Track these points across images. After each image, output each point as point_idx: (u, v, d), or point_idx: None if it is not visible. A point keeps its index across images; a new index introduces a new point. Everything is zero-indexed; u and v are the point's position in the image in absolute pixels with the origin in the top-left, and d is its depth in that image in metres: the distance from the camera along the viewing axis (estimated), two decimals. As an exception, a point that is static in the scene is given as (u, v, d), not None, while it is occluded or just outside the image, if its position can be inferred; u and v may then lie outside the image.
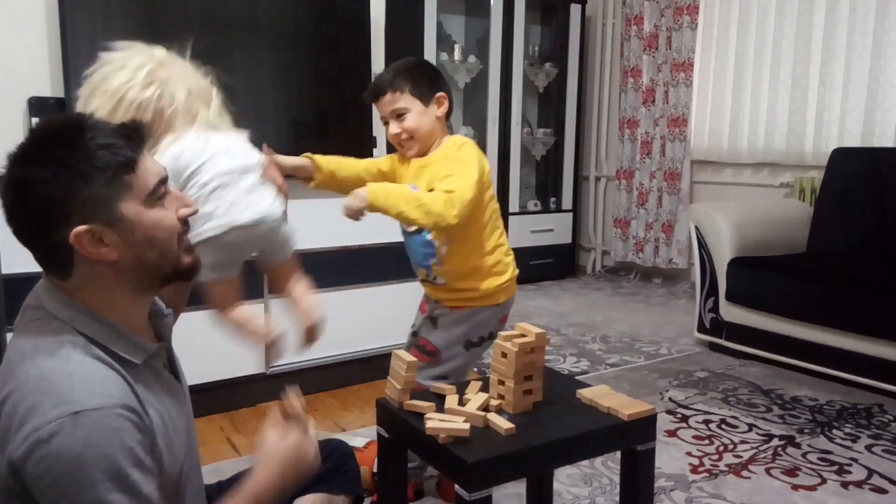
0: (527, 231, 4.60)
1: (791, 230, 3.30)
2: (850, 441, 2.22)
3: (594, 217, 5.13)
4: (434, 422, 1.16)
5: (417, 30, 3.94)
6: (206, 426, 2.26)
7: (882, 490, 1.92)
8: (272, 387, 2.49)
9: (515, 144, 4.52)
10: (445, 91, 1.70)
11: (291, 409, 1.09)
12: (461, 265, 1.68)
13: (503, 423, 1.17)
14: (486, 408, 1.24)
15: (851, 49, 3.58)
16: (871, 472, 2.02)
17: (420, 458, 1.72)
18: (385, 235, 2.68)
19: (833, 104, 3.69)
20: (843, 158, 3.26)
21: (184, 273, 1.01)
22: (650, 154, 4.61)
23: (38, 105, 2.43)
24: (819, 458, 2.10)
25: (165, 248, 0.97)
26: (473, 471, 1.07)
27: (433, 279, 1.73)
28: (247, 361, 2.41)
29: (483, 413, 1.20)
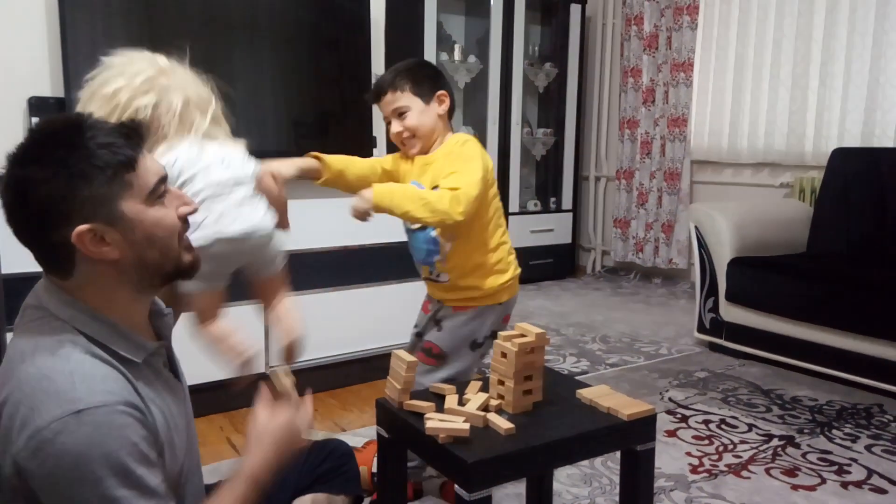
0: (527, 231, 4.60)
1: (791, 230, 3.30)
2: (850, 441, 2.22)
3: (594, 217, 5.13)
4: (434, 422, 1.16)
5: (417, 30, 3.94)
6: (206, 426, 2.26)
7: (882, 490, 1.92)
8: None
9: (515, 144, 4.52)
10: (446, 89, 1.70)
11: (280, 387, 1.10)
12: (465, 262, 1.68)
13: (503, 423, 1.17)
14: (486, 408, 1.24)
15: (851, 49, 3.58)
16: (871, 473, 2.02)
17: (420, 458, 1.72)
18: (385, 236, 2.68)
19: (833, 104, 3.69)
20: (843, 158, 3.27)
21: (184, 271, 1.01)
22: (650, 154, 4.61)
23: (38, 105, 2.43)
24: (819, 459, 2.10)
25: (166, 247, 0.97)
26: (473, 471, 1.07)
27: (437, 277, 1.73)
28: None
29: (483, 413, 1.20)
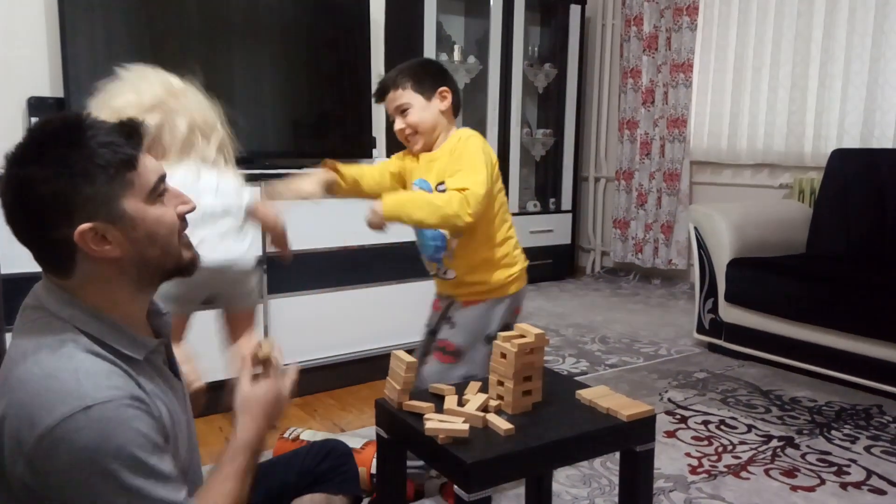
0: (526, 232, 4.59)
1: (790, 231, 3.30)
2: (849, 442, 2.22)
3: (593, 218, 5.13)
4: (433, 422, 1.16)
5: (417, 30, 3.94)
6: (206, 426, 2.26)
7: (881, 491, 1.92)
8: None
9: (515, 145, 4.52)
10: (449, 86, 1.72)
11: (262, 354, 1.12)
12: (472, 258, 1.70)
13: (502, 424, 1.17)
14: (486, 408, 1.24)
15: (851, 50, 3.58)
16: (870, 473, 2.02)
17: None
18: (385, 236, 2.67)
19: (832, 105, 3.69)
20: (843, 159, 3.27)
21: (184, 268, 1.02)
22: (649, 155, 4.61)
23: (38, 105, 2.44)
24: (818, 459, 2.10)
25: (167, 244, 0.98)
26: (473, 471, 1.07)
27: (444, 273, 1.75)
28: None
29: (482, 414, 1.20)
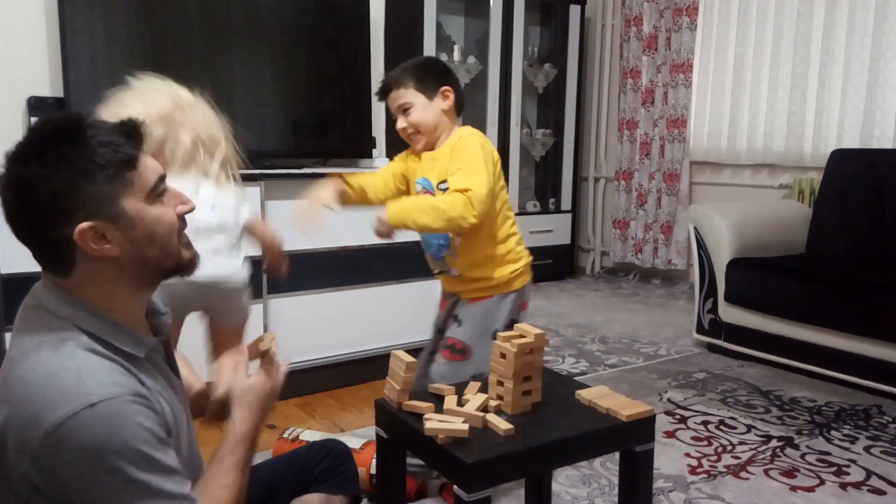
0: (526, 232, 4.56)
1: (790, 231, 3.30)
2: (849, 442, 2.22)
3: (593, 218, 5.13)
4: (433, 422, 1.16)
5: (417, 30, 3.94)
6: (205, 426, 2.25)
7: (880, 491, 1.92)
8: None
9: (514, 145, 4.52)
10: (452, 85, 1.73)
11: (264, 347, 1.16)
12: (475, 255, 1.72)
13: (502, 424, 1.17)
14: (485, 408, 1.24)
15: (850, 50, 3.58)
16: (870, 474, 2.02)
17: None
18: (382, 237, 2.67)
19: (832, 105, 3.69)
20: (842, 160, 3.27)
21: (184, 267, 1.03)
22: (649, 155, 4.61)
23: (37, 105, 2.43)
24: (817, 460, 2.10)
25: (166, 244, 0.98)
26: (472, 471, 1.07)
27: (448, 271, 1.78)
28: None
29: (482, 414, 1.20)
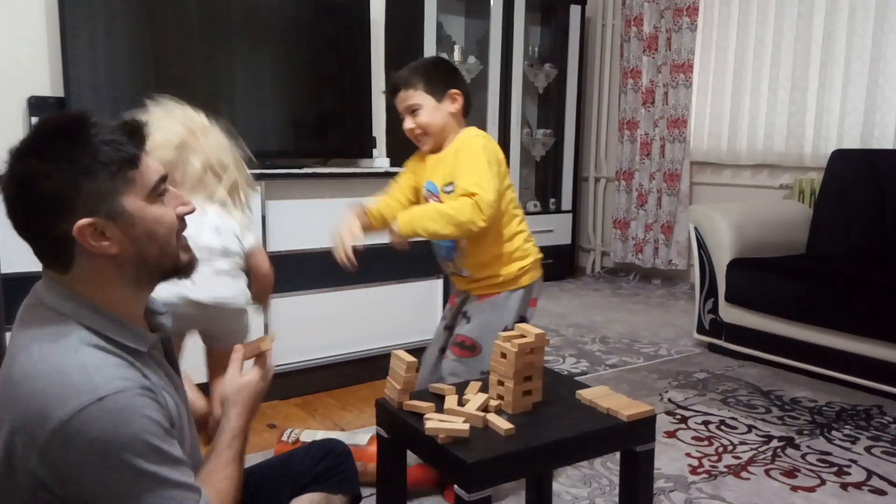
0: (526, 232, 4.59)
1: (790, 232, 3.30)
2: (850, 442, 2.22)
3: (594, 218, 5.13)
4: (433, 422, 1.16)
5: (417, 30, 3.94)
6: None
7: (881, 492, 1.92)
8: (272, 386, 2.48)
9: (515, 145, 4.52)
10: (461, 88, 1.75)
11: (264, 347, 1.23)
12: (482, 255, 1.74)
13: (502, 424, 1.17)
14: (486, 408, 1.24)
15: (851, 51, 3.58)
16: (871, 474, 2.02)
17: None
18: (384, 236, 2.67)
19: (832, 106, 3.69)
20: (843, 160, 3.27)
21: (181, 269, 1.03)
22: (650, 155, 4.61)
23: (38, 105, 2.43)
24: (818, 460, 2.10)
25: (165, 244, 0.98)
26: (473, 471, 1.07)
27: (460, 272, 1.80)
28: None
29: (482, 413, 1.20)
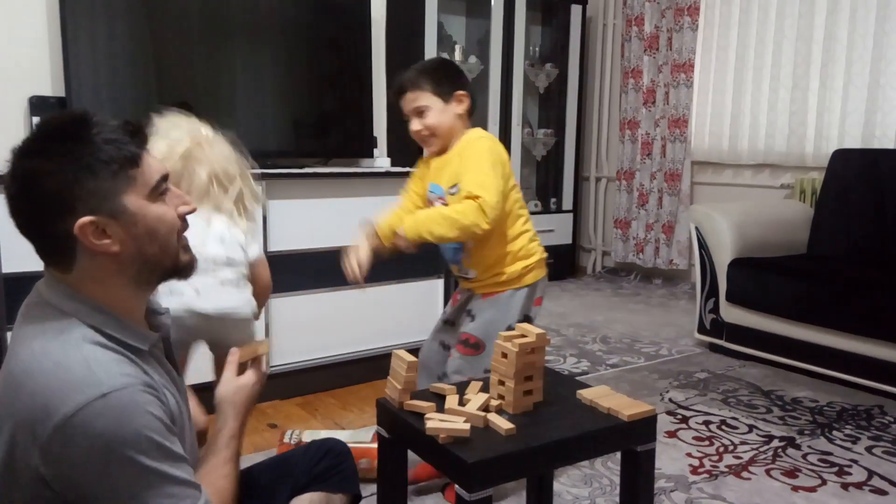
0: (527, 231, 4.59)
1: (791, 231, 3.29)
2: (851, 442, 2.22)
3: (594, 218, 5.13)
4: (434, 422, 1.15)
5: (418, 30, 3.93)
6: (212, 426, 2.25)
7: (882, 492, 1.92)
8: (271, 386, 2.48)
9: (516, 145, 4.52)
10: (467, 90, 1.76)
11: (261, 351, 1.25)
12: (488, 255, 1.76)
13: (503, 424, 1.17)
14: (487, 408, 1.24)
15: (852, 50, 3.58)
16: (872, 474, 2.02)
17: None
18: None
19: (833, 106, 3.69)
20: (844, 160, 3.26)
21: (182, 269, 1.04)
22: (651, 155, 4.61)
23: (39, 104, 2.43)
24: (819, 460, 2.10)
25: (166, 243, 0.99)
26: (473, 471, 1.07)
27: (466, 273, 1.82)
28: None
29: (483, 413, 1.20)
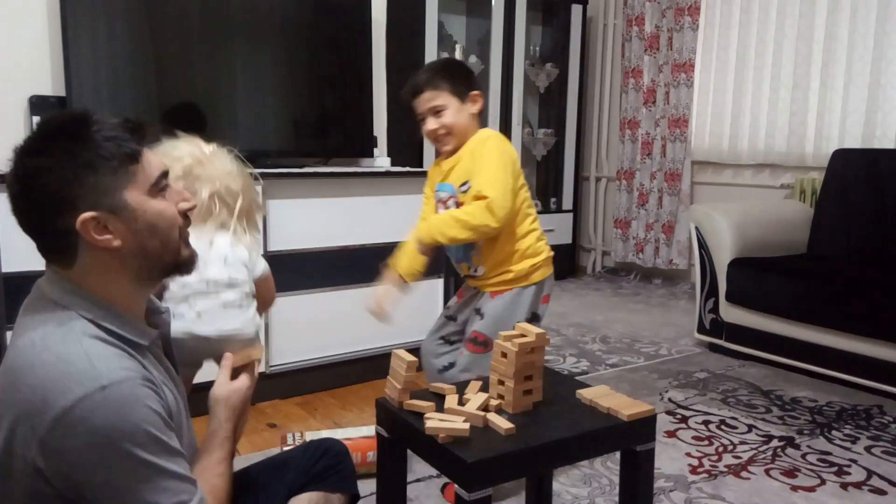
0: (527, 231, 4.59)
1: (791, 231, 3.29)
2: (850, 442, 2.22)
3: (594, 217, 5.13)
4: (434, 421, 1.16)
5: (418, 30, 3.93)
6: (204, 426, 2.25)
7: (881, 491, 1.92)
8: (271, 386, 2.49)
9: (516, 145, 4.51)
10: (480, 90, 1.79)
11: (256, 356, 1.28)
12: (497, 253, 1.78)
13: (503, 423, 1.17)
14: (486, 408, 1.24)
15: (852, 50, 3.58)
16: (871, 474, 2.02)
17: None
18: (384, 236, 2.68)
19: (834, 105, 3.69)
20: (844, 160, 3.26)
21: (182, 264, 1.05)
22: (651, 155, 4.61)
23: (39, 104, 2.43)
24: (818, 460, 2.10)
25: (167, 238, 1.00)
26: (473, 470, 1.07)
27: (475, 272, 1.84)
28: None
29: (483, 413, 1.20)
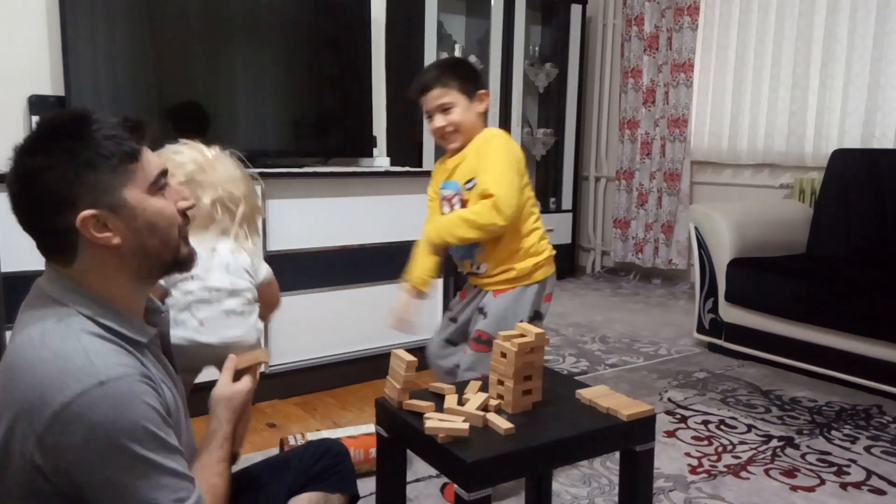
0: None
1: (791, 231, 3.30)
2: (849, 442, 2.22)
3: (594, 217, 5.13)
4: (433, 421, 1.16)
5: (418, 30, 3.93)
6: (204, 426, 2.25)
7: (881, 491, 1.92)
8: (270, 386, 2.49)
9: (515, 144, 4.51)
10: (486, 89, 1.81)
11: (260, 359, 1.29)
12: (501, 251, 1.80)
13: (502, 423, 1.17)
14: (486, 407, 1.24)
15: (852, 50, 3.58)
16: (870, 474, 2.02)
17: None
18: (384, 235, 2.68)
19: (833, 105, 3.69)
20: (843, 160, 3.26)
21: (182, 262, 1.05)
22: (650, 154, 4.61)
23: (38, 103, 2.43)
24: (818, 460, 2.10)
25: (166, 236, 1.01)
26: (472, 470, 1.07)
27: (477, 269, 1.85)
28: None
29: (482, 413, 1.20)
